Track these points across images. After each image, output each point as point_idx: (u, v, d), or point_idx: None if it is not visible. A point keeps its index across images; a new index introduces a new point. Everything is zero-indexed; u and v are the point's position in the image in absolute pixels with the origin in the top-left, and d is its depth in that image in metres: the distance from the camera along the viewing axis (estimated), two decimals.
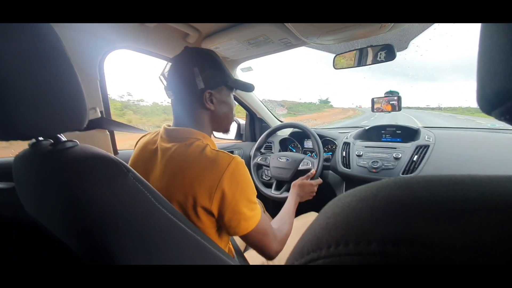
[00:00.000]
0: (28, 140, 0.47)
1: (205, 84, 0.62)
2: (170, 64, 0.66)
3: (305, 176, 1.08)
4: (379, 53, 0.91)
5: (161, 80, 0.68)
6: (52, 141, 0.44)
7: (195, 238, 0.47)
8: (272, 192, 1.23)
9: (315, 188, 1.04)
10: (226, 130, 0.74)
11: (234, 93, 0.73)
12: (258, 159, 1.37)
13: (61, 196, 0.37)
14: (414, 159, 1.03)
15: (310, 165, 1.20)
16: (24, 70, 0.34)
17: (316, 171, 1.14)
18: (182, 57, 0.64)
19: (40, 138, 0.49)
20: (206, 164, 0.54)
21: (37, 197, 0.45)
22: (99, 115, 0.84)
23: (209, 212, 0.55)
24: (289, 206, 0.88)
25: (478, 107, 0.15)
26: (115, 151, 0.95)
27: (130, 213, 0.38)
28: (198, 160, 0.55)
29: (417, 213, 0.13)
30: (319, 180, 1.08)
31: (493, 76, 0.13)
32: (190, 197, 0.53)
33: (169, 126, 0.66)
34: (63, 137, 0.44)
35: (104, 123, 0.74)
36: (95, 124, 0.75)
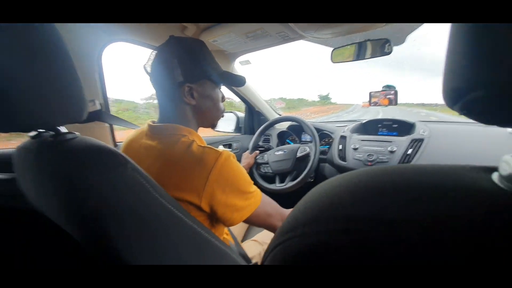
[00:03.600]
0: (30, 132, 0.48)
1: (184, 77, 0.59)
2: (154, 53, 0.63)
3: None
4: (377, 47, 0.92)
5: (145, 70, 0.65)
6: (52, 132, 0.45)
7: (192, 227, 0.48)
8: (277, 186, 1.22)
9: None
10: (213, 126, 0.71)
11: (220, 88, 0.70)
12: (256, 159, 1.35)
13: (62, 185, 0.39)
14: (409, 152, 1.04)
15: (308, 150, 1.20)
16: (26, 66, 0.35)
17: (314, 155, 1.15)
18: (164, 47, 0.61)
19: (41, 130, 0.50)
20: (192, 162, 0.53)
21: (39, 187, 0.47)
22: (98, 107, 0.85)
23: (200, 209, 0.54)
24: None
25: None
26: (114, 143, 0.97)
27: (128, 201, 0.40)
28: (184, 158, 0.53)
29: (388, 198, 0.14)
30: None
31: (452, 75, 0.15)
32: (178, 195, 0.52)
33: (153, 122, 0.64)
34: (63, 129, 0.45)
35: (103, 116, 0.75)
36: (94, 117, 0.77)
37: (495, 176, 0.14)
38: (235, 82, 0.70)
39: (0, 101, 0.36)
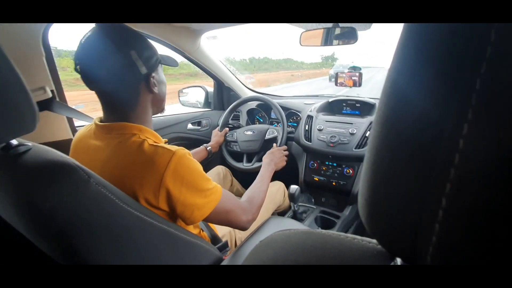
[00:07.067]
0: None
1: (147, 68, 0.56)
2: (81, 49, 0.52)
3: (273, 147, 1.16)
4: (343, 35, 0.93)
5: (77, 70, 0.53)
6: (3, 144, 0.42)
7: (162, 228, 0.51)
8: (244, 165, 1.28)
9: (285, 152, 1.13)
10: (163, 110, 0.69)
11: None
12: (225, 136, 1.38)
13: (21, 205, 0.38)
14: (367, 135, 1.13)
15: (276, 133, 1.26)
16: None
17: (281, 139, 1.22)
18: (105, 39, 0.52)
19: None
20: (144, 164, 0.51)
21: None
22: (50, 95, 0.77)
23: (158, 208, 0.53)
24: (262, 174, 0.91)
25: None
26: (74, 131, 0.90)
27: (96, 217, 0.40)
28: (136, 160, 0.52)
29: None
30: (284, 147, 1.19)
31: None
32: (136, 198, 0.51)
33: (100, 120, 0.60)
34: (15, 142, 0.42)
35: (54, 106, 0.69)
36: (45, 106, 0.70)
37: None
38: (172, 62, 0.69)
39: None
